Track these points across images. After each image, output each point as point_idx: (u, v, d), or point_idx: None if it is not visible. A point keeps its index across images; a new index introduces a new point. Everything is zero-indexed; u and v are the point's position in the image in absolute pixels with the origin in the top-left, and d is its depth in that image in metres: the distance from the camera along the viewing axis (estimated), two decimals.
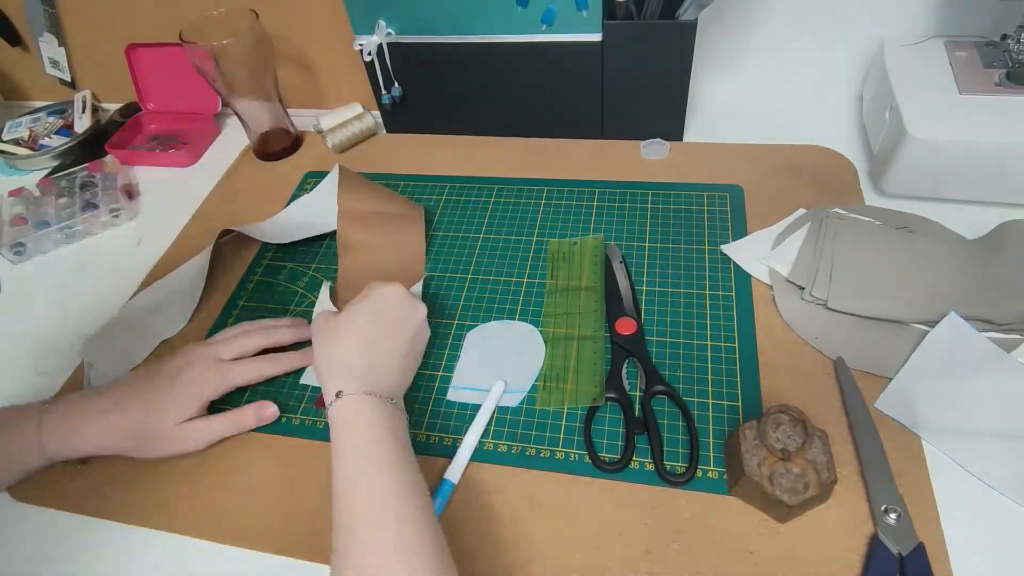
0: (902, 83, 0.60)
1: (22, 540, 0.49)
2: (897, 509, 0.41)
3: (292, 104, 0.84)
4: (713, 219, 0.63)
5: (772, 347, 0.52)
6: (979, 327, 0.49)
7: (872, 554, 0.40)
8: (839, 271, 0.54)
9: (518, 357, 0.54)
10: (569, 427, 0.49)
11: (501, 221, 0.66)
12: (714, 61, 0.76)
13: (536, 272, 0.61)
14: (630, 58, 0.65)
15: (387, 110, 0.77)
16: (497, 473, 0.47)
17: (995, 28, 0.63)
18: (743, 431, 0.43)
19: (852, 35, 0.70)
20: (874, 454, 0.44)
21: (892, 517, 0.41)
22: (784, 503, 0.40)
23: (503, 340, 0.56)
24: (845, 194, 0.63)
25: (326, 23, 0.75)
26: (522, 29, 0.65)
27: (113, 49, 0.84)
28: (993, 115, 0.55)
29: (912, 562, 0.38)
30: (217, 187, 0.77)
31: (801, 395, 0.49)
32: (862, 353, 0.50)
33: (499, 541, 0.44)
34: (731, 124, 0.73)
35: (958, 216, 0.58)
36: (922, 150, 0.55)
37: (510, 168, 0.72)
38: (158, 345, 0.60)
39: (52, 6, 0.86)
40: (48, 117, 0.90)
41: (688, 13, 0.61)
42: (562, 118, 0.73)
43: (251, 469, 0.50)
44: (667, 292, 0.57)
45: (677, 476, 0.45)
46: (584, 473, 0.47)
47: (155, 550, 0.47)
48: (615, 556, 0.42)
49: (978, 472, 0.44)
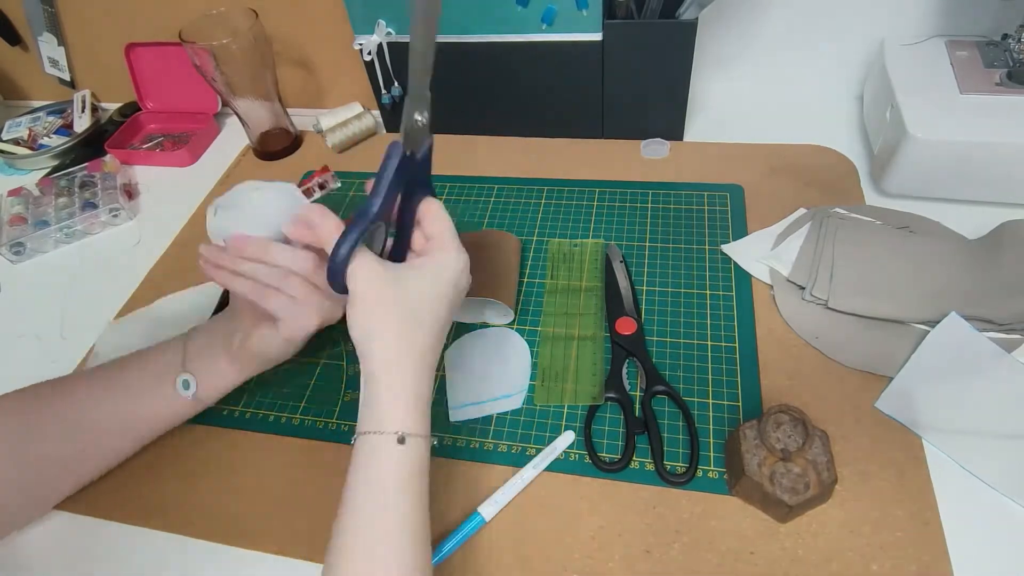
0: (903, 83, 0.60)
1: (23, 541, 0.48)
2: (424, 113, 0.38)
3: (292, 104, 0.84)
4: (713, 219, 0.63)
5: (772, 347, 0.52)
6: (979, 327, 0.49)
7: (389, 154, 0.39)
8: (839, 271, 0.54)
9: (504, 363, 0.54)
10: (569, 427, 0.49)
11: (501, 221, 0.66)
12: (714, 61, 0.76)
13: (536, 272, 0.61)
14: (630, 58, 0.65)
15: (387, 110, 0.77)
16: (498, 473, 0.47)
17: (996, 28, 0.63)
18: (743, 431, 0.43)
19: (852, 35, 0.70)
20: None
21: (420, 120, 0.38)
22: (784, 503, 0.40)
23: (482, 350, 0.55)
24: (845, 194, 0.63)
25: (326, 23, 0.75)
26: (522, 29, 0.65)
27: (113, 49, 0.84)
28: (993, 115, 0.55)
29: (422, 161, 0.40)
30: (217, 187, 0.77)
31: (801, 395, 0.49)
32: (862, 353, 0.50)
33: (499, 541, 0.44)
34: (731, 124, 0.73)
35: (958, 216, 0.58)
36: (922, 150, 0.55)
37: (510, 168, 0.72)
38: None
39: (52, 5, 0.86)
40: (48, 117, 0.90)
41: (688, 13, 0.61)
42: (562, 118, 0.73)
43: (251, 469, 0.50)
44: (667, 292, 0.57)
45: (677, 476, 0.45)
46: (584, 473, 0.47)
47: (155, 550, 0.47)
48: (615, 556, 0.42)
49: (978, 472, 0.43)
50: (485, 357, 0.55)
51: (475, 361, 0.54)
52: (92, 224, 0.74)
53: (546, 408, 0.51)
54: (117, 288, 0.66)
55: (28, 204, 0.75)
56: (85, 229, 0.74)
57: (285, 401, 0.54)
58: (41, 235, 0.72)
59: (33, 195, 0.76)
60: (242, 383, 0.50)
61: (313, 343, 0.56)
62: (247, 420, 0.53)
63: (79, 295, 0.67)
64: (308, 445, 0.51)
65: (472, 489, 0.47)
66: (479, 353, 0.55)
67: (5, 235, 0.72)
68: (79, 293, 0.68)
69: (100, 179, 0.77)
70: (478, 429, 0.50)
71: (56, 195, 0.75)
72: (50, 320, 0.65)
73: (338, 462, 0.49)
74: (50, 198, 0.75)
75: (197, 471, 0.50)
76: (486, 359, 0.54)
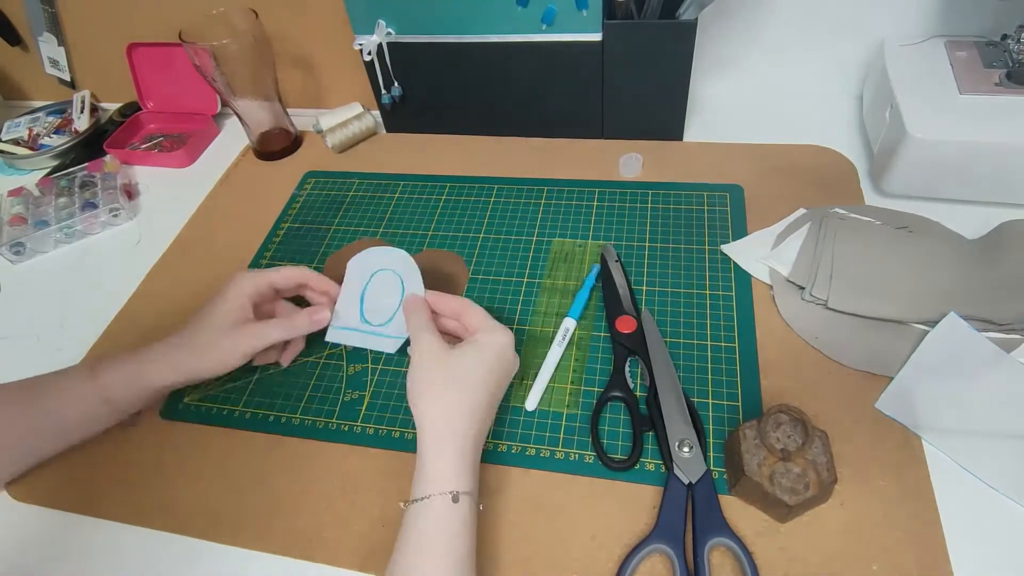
0: (902, 83, 0.60)
1: (22, 540, 0.49)
2: (691, 443, 0.45)
3: (292, 104, 0.84)
4: (713, 219, 0.63)
5: (772, 347, 0.52)
6: (979, 327, 0.49)
7: (667, 484, 0.44)
8: (839, 271, 0.54)
9: (397, 295, 0.52)
10: (569, 427, 0.49)
11: (501, 221, 0.66)
12: (714, 61, 0.76)
13: (536, 272, 0.61)
14: (630, 58, 0.65)
15: (387, 110, 0.77)
16: (498, 473, 0.47)
17: (995, 28, 0.63)
18: (743, 431, 0.43)
19: (852, 35, 0.70)
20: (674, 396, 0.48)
21: (685, 451, 0.45)
22: (784, 503, 0.40)
23: (383, 280, 0.52)
24: (845, 194, 0.63)
25: (326, 23, 0.75)
26: (522, 29, 0.65)
27: (113, 49, 0.84)
28: (993, 115, 0.55)
29: (700, 487, 0.43)
30: (216, 187, 0.77)
31: (801, 395, 0.49)
32: (862, 353, 0.50)
33: (500, 541, 0.44)
34: (731, 124, 0.73)
35: (958, 216, 0.58)
36: (922, 150, 0.55)
37: (510, 168, 0.72)
38: None
39: (52, 6, 0.86)
40: (48, 117, 0.90)
41: (688, 13, 0.61)
42: (562, 118, 0.73)
43: (251, 469, 0.50)
44: (667, 292, 0.57)
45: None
46: (584, 473, 0.47)
47: (155, 550, 0.47)
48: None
49: (978, 472, 0.44)
50: (385, 286, 0.52)
51: (374, 285, 0.52)
52: (92, 224, 0.74)
53: (545, 409, 0.51)
54: (117, 288, 0.66)
55: (28, 204, 0.75)
56: (85, 229, 0.74)
57: (285, 401, 0.54)
58: (41, 235, 0.72)
59: (33, 195, 0.76)
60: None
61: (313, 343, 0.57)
62: (247, 420, 0.53)
63: (79, 295, 0.67)
64: (308, 445, 0.51)
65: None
66: (380, 280, 0.52)
67: (5, 235, 0.72)
68: (79, 293, 0.68)
69: (100, 179, 0.77)
70: None
71: (56, 195, 0.75)
72: (50, 320, 0.65)
73: (338, 462, 0.50)
74: (50, 198, 0.75)
75: (197, 471, 0.50)
76: (386, 289, 0.52)
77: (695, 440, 0.45)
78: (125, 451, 0.52)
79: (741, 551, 0.41)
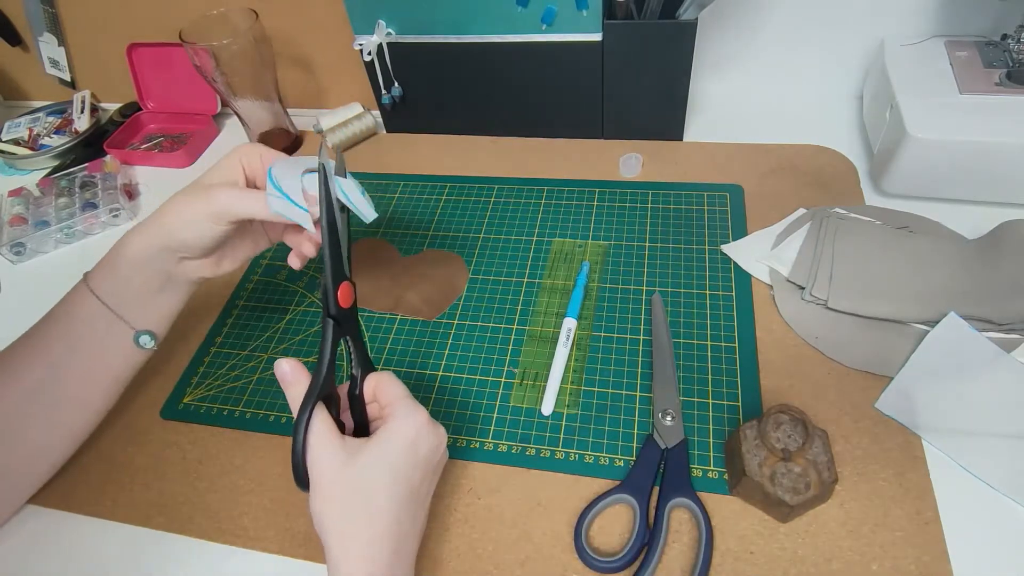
0: (902, 83, 0.60)
1: (22, 540, 0.49)
2: (674, 414, 0.47)
3: (292, 104, 0.84)
4: (713, 219, 0.63)
5: (772, 347, 0.52)
6: (979, 327, 0.49)
7: (644, 444, 0.46)
8: (839, 271, 0.54)
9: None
10: (569, 427, 0.49)
11: (501, 221, 0.66)
12: (714, 61, 0.76)
13: (536, 272, 0.61)
14: (630, 58, 0.65)
15: (387, 110, 0.77)
16: (498, 473, 0.48)
17: (995, 28, 0.63)
18: (743, 431, 0.43)
19: (852, 35, 0.70)
20: (669, 370, 0.50)
21: (668, 420, 0.47)
22: (785, 503, 0.40)
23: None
24: (845, 194, 0.63)
25: (326, 23, 0.75)
26: (522, 29, 0.65)
27: (113, 49, 0.84)
28: (993, 115, 0.55)
29: (675, 452, 0.45)
30: None
31: (801, 395, 0.49)
32: (862, 353, 0.50)
33: (500, 541, 0.44)
34: (731, 124, 0.73)
35: (958, 216, 0.58)
36: (922, 150, 0.55)
37: (510, 168, 0.72)
38: None
39: (52, 6, 0.86)
40: (48, 117, 0.90)
41: (688, 13, 0.61)
42: (562, 118, 0.73)
43: (251, 469, 0.50)
44: (667, 292, 0.57)
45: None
46: (584, 473, 0.47)
47: (155, 550, 0.47)
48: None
49: (978, 472, 0.44)
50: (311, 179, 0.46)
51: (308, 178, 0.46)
52: (92, 224, 0.74)
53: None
54: None
55: (28, 204, 0.75)
56: (85, 229, 0.74)
57: (285, 401, 0.54)
58: (41, 235, 0.72)
59: (33, 195, 0.76)
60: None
61: (314, 343, 0.57)
62: (247, 420, 0.53)
63: None
64: None
65: (474, 488, 0.47)
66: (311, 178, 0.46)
67: (5, 235, 0.72)
68: None
69: (100, 179, 0.77)
70: (478, 429, 0.50)
71: (56, 195, 0.75)
72: None
73: None
74: (50, 198, 0.75)
75: (197, 471, 0.50)
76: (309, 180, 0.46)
77: (679, 411, 0.47)
78: (125, 451, 0.53)
79: (701, 515, 0.42)
